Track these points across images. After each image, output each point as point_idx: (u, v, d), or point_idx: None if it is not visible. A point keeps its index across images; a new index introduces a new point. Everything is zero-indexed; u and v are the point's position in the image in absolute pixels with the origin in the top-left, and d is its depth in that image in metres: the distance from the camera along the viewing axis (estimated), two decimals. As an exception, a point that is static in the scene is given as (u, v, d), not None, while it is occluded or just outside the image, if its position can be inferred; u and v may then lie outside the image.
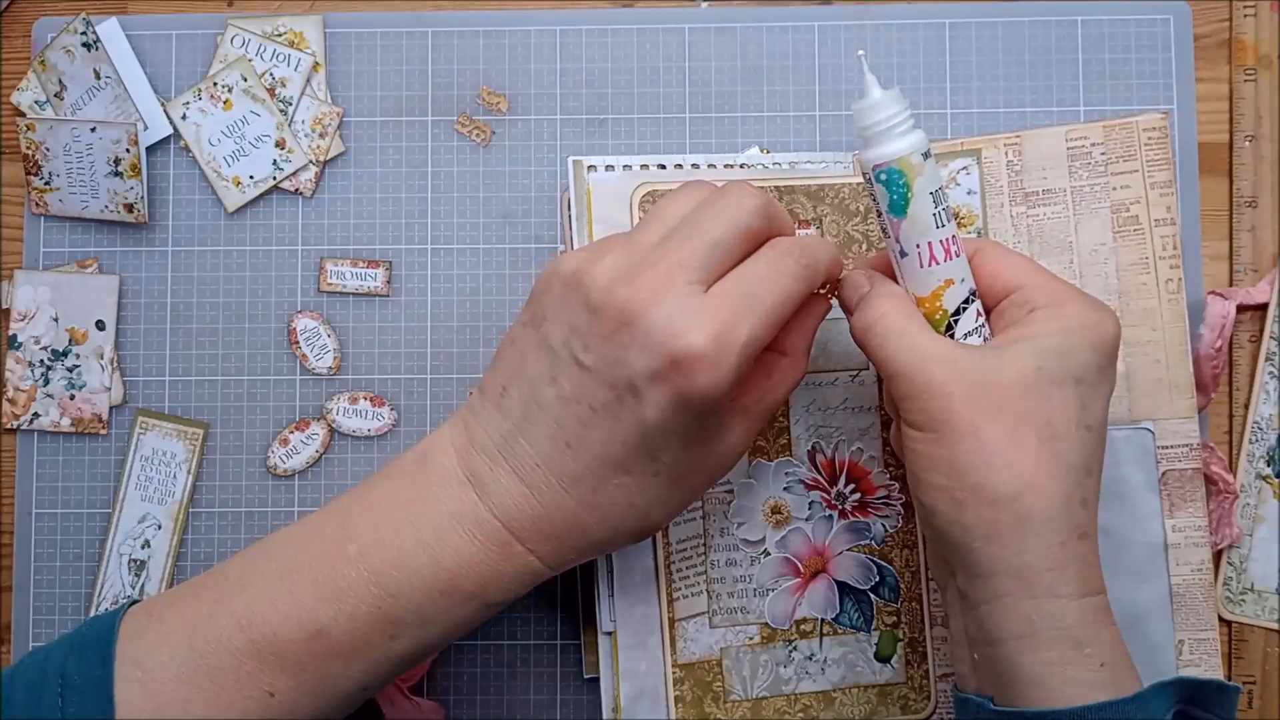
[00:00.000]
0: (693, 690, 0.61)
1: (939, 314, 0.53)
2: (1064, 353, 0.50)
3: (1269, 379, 0.64)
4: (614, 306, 0.48)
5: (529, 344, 0.51)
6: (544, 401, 0.50)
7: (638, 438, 0.49)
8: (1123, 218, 0.63)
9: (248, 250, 0.66)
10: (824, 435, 0.62)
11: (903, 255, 0.53)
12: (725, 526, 0.62)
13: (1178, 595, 0.62)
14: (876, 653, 0.62)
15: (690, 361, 0.47)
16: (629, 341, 0.47)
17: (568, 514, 0.51)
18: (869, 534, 0.62)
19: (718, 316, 0.47)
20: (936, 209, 0.52)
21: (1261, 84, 0.65)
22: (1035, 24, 0.66)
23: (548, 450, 0.50)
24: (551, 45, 0.67)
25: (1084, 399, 0.50)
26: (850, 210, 0.62)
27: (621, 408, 0.48)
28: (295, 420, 0.66)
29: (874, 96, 0.52)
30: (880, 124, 0.52)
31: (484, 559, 0.50)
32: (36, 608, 0.65)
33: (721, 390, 0.48)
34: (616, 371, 0.48)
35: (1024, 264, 0.54)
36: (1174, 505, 0.63)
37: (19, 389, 0.65)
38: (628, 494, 0.51)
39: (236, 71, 0.66)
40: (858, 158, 0.54)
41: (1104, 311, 0.52)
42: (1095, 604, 0.50)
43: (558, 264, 0.51)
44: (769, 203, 0.51)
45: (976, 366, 0.50)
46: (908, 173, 0.52)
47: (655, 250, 0.49)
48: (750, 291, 0.49)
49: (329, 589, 0.50)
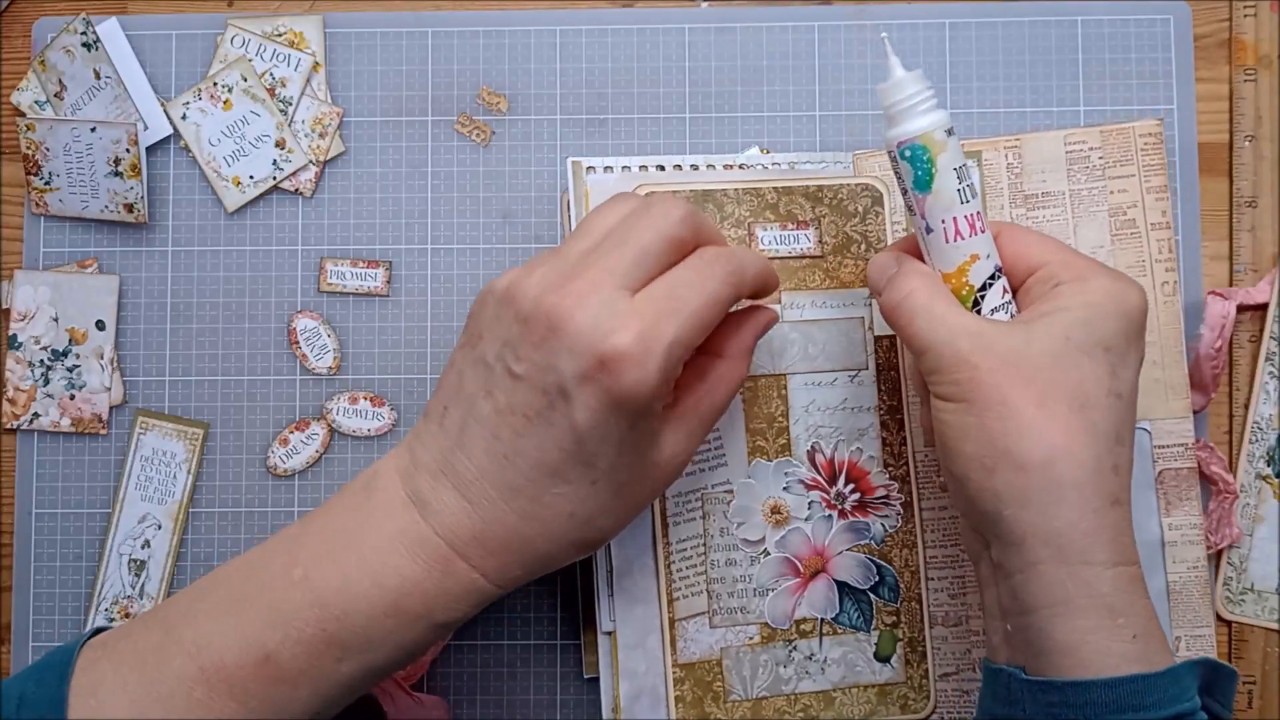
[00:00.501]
0: (693, 690, 0.61)
1: (965, 289, 0.54)
2: (1090, 323, 0.51)
3: (1269, 379, 0.64)
4: (542, 313, 0.49)
5: (466, 363, 0.52)
6: (481, 415, 0.51)
7: (572, 443, 0.49)
8: (1120, 221, 0.63)
9: (248, 250, 0.66)
10: (823, 435, 0.62)
11: (928, 231, 0.54)
12: (725, 526, 0.62)
13: (1174, 593, 0.63)
14: (876, 652, 0.62)
15: (616, 360, 0.48)
16: (558, 346, 0.48)
17: (509, 527, 0.51)
18: (868, 534, 0.62)
19: (643, 317, 0.48)
20: (960, 185, 0.53)
21: (1261, 84, 0.65)
22: (1035, 24, 0.66)
23: (486, 463, 0.51)
24: (551, 45, 0.67)
25: (1113, 366, 0.51)
26: (849, 211, 0.63)
27: (554, 413, 0.49)
28: (295, 420, 0.66)
29: (897, 75, 0.54)
30: (903, 102, 0.53)
31: (427, 578, 0.51)
32: (36, 608, 0.65)
33: (648, 389, 0.48)
34: (547, 377, 0.49)
35: (1047, 242, 0.55)
36: (1170, 504, 0.63)
37: (19, 389, 0.65)
38: (568, 503, 0.51)
39: (236, 71, 0.66)
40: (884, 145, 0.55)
41: (1128, 282, 0.52)
42: (1129, 574, 0.50)
43: (492, 283, 0.52)
44: (695, 213, 0.52)
45: (1004, 339, 0.51)
46: (931, 148, 0.53)
47: (583, 259, 0.50)
48: (675, 294, 0.50)
49: (275, 614, 0.50)
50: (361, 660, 0.51)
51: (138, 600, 0.65)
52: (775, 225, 0.62)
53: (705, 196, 0.62)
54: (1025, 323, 0.51)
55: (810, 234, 0.63)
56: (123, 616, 0.65)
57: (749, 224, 0.62)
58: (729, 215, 0.62)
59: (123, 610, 0.65)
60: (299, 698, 0.51)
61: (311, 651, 0.50)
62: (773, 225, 0.62)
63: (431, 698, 0.63)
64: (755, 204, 0.62)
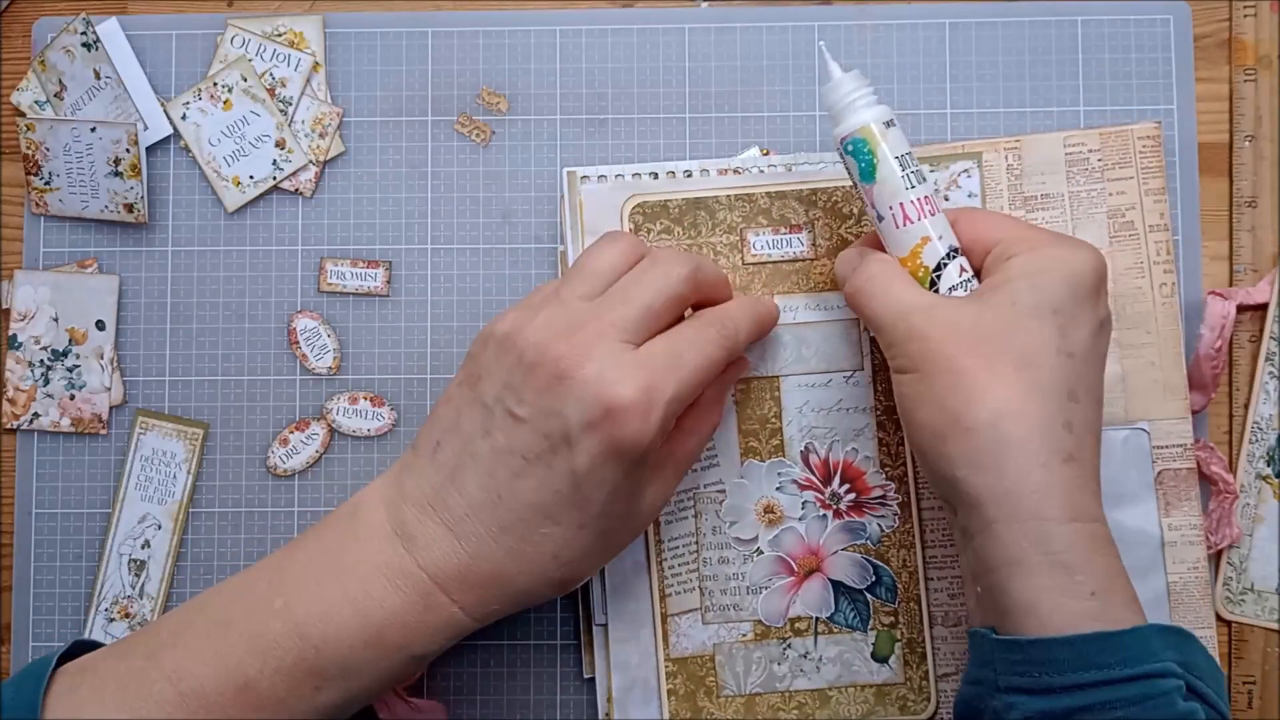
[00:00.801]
0: (685, 684, 0.61)
1: (921, 271, 0.55)
2: (1037, 287, 0.52)
3: (1269, 379, 0.64)
4: (549, 361, 0.51)
5: (464, 401, 0.54)
6: (477, 454, 0.52)
7: (569, 487, 0.51)
8: (1119, 223, 0.63)
9: (248, 250, 0.66)
10: (817, 436, 0.62)
11: (879, 220, 0.56)
12: (717, 525, 0.62)
13: (1174, 593, 0.63)
14: (873, 652, 0.62)
15: (621, 411, 0.50)
16: (564, 394, 0.51)
17: (494, 564, 0.52)
18: (864, 534, 0.62)
19: (647, 372, 0.51)
20: (904, 171, 0.55)
21: (1261, 84, 0.65)
22: (1035, 24, 0.66)
23: (479, 500, 0.52)
24: (551, 45, 0.67)
25: (1062, 327, 0.51)
26: (843, 213, 0.63)
27: (555, 456, 0.51)
28: (295, 420, 0.66)
29: (835, 76, 0.56)
30: (842, 100, 0.56)
31: (408, 611, 0.52)
32: (36, 608, 0.65)
33: (647, 440, 0.51)
34: (551, 422, 0.51)
35: (1001, 220, 0.57)
36: (1169, 504, 0.63)
37: (19, 389, 0.65)
38: (554, 545, 0.52)
39: (236, 71, 0.66)
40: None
41: (1078, 245, 0.54)
42: (1087, 530, 0.50)
43: (493, 325, 0.54)
44: (698, 269, 0.55)
45: (954, 311, 0.52)
46: (870, 140, 0.55)
47: (588, 309, 0.53)
48: (677, 352, 0.53)
49: (256, 642, 0.51)
50: (340, 689, 0.52)
51: (138, 600, 0.65)
52: (767, 230, 0.63)
53: (697, 204, 0.62)
54: (976, 297, 0.53)
55: (803, 237, 0.63)
56: (123, 617, 0.65)
57: (741, 230, 0.62)
58: (721, 222, 0.62)
59: (123, 610, 0.65)
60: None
61: (290, 681, 0.51)
62: (765, 230, 0.63)
63: (428, 702, 0.63)
64: (747, 209, 0.63)
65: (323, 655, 0.51)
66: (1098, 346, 0.53)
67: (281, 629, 0.51)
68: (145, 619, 0.65)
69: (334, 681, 0.52)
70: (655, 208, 0.63)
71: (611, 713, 0.62)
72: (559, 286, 0.54)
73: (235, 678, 0.51)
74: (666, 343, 0.53)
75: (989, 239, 0.55)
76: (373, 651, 0.52)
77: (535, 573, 0.53)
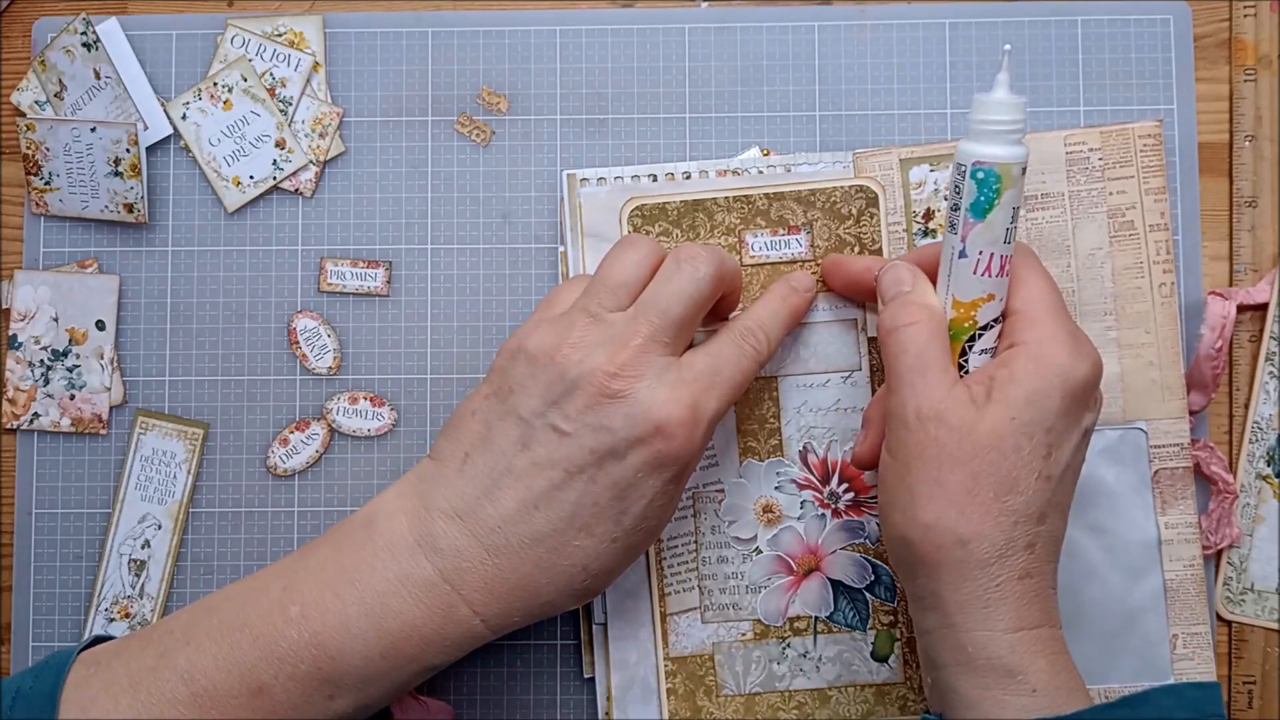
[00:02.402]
0: (685, 683, 0.61)
1: (968, 323, 0.55)
2: (1034, 402, 0.52)
3: (1269, 379, 0.64)
4: (596, 380, 0.52)
5: (494, 415, 0.54)
6: (514, 467, 0.53)
7: (609, 499, 0.53)
8: (1119, 223, 0.63)
9: (248, 250, 0.66)
10: (815, 436, 0.62)
11: (960, 255, 0.54)
12: (716, 524, 0.62)
13: (1171, 591, 0.63)
14: (873, 652, 0.62)
15: (672, 428, 0.52)
16: (614, 411, 0.52)
17: (522, 575, 0.53)
18: (863, 533, 0.62)
19: (692, 389, 0.53)
20: (1011, 224, 0.54)
21: (1261, 84, 0.65)
22: (1035, 24, 0.66)
23: (513, 512, 0.53)
24: (551, 45, 0.67)
25: (1051, 447, 0.53)
26: (841, 214, 0.63)
27: (600, 470, 0.52)
28: (295, 420, 0.66)
29: (1000, 95, 0.53)
30: (997, 123, 0.53)
31: (427, 622, 0.52)
32: (36, 608, 0.65)
33: (692, 455, 0.53)
34: (600, 437, 0.52)
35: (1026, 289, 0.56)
36: (1166, 503, 0.63)
37: (19, 389, 0.65)
38: (585, 557, 0.53)
39: (236, 71, 0.66)
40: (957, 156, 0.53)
41: (1082, 355, 0.54)
42: (1033, 636, 0.52)
43: (521, 341, 0.55)
44: (719, 265, 0.56)
45: (960, 415, 0.53)
46: (1004, 179, 0.53)
47: (624, 324, 0.54)
48: (718, 369, 0.55)
49: (271, 649, 0.52)
50: (353, 698, 0.52)
51: (138, 600, 0.65)
52: (766, 231, 0.63)
53: (696, 206, 0.63)
54: (979, 401, 0.53)
55: (802, 239, 0.63)
56: (123, 617, 0.65)
57: (739, 231, 0.63)
58: (719, 224, 0.62)
59: (123, 610, 0.65)
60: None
61: (305, 688, 0.52)
62: (763, 231, 0.63)
63: (437, 702, 0.63)
64: (746, 211, 0.63)
65: (339, 665, 0.52)
66: (1076, 461, 0.54)
67: (298, 638, 0.52)
68: (145, 619, 0.65)
69: (349, 690, 0.52)
70: (654, 210, 0.63)
71: (611, 712, 0.62)
72: (586, 301, 0.55)
73: (249, 682, 0.51)
74: (707, 359, 0.55)
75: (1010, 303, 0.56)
76: (387, 662, 0.52)
77: (562, 584, 0.54)
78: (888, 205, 0.63)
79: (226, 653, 0.52)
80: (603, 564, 0.54)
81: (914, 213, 0.63)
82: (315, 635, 0.52)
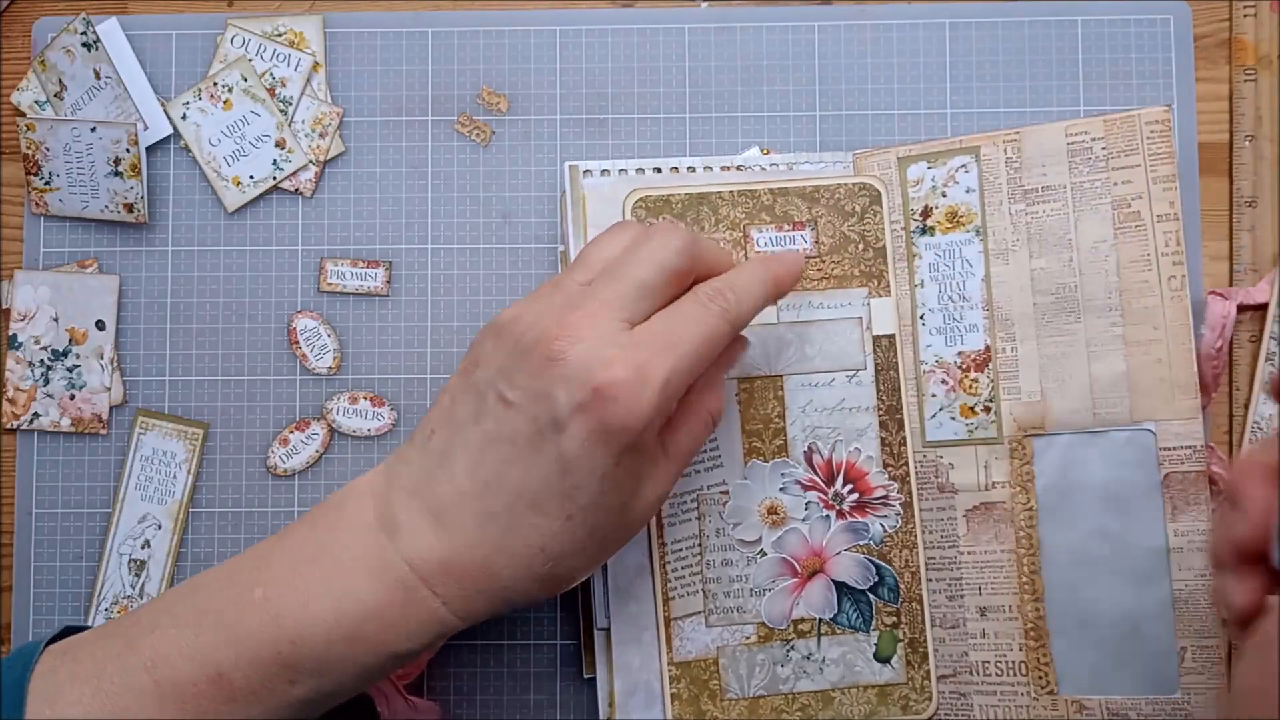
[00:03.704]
0: (689, 688, 0.61)
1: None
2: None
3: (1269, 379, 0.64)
4: (541, 344, 0.50)
5: (459, 389, 0.53)
6: (468, 440, 0.51)
7: (557, 474, 0.50)
8: (1124, 214, 0.63)
9: (248, 250, 0.66)
10: (820, 436, 0.62)
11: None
12: (721, 527, 0.62)
13: (1179, 601, 0.61)
14: (876, 653, 0.62)
15: (612, 392, 0.49)
16: (554, 375, 0.49)
17: (479, 556, 0.51)
18: (867, 534, 0.62)
19: (640, 350, 0.50)
20: None
21: (1261, 84, 0.65)
22: (1035, 24, 0.66)
23: (466, 487, 0.51)
24: (551, 45, 0.67)
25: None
26: (845, 211, 0.63)
27: (544, 441, 0.50)
28: (295, 420, 0.66)
29: None
30: None
31: (389, 605, 0.51)
32: (36, 608, 0.65)
33: (640, 422, 0.49)
34: (540, 405, 0.50)
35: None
36: (1176, 509, 0.62)
37: (19, 389, 0.65)
38: (541, 537, 0.51)
39: (236, 71, 0.66)
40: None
41: None
42: None
43: (495, 317, 0.53)
44: (694, 242, 0.53)
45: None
46: None
47: (583, 291, 0.52)
48: (673, 329, 0.51)
49: (231, 631, 0.50)
50: (315, 684, 0.51)
51: (138, 600, 0.65)
52: (770, 227, 0.62)
53: (700, 199, 0.62)
54: None
55: (806, 235, 0.63)
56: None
57: (744, 226, 0.62)
58: (724, 218, 0.62)
59: (123, 610, 0.65)
60: (251, 717, 0.51)
61: (264, 673, 0.50)
62: (768, 227, 0.62)
63: (426, 702, 0.63)
64: (750, 206, 0.62)
65: (299, 649, 0.50)
66: None
67: (259, 620, 0.50)
68: (145, 619, 0.65)
69: (309, 676, 0.50)
70: (658, 202, 0.62)
71: (613, 715, 0.62)
72: (560, 275, 0.54)
73: (209, 668, 0.50)
74: (663, 320, 0.52)
75: None
76: (351, 647, 0.50)
77: (521, 567, 0.51)
78: (888, 204, 0.63)
79: (189, 639, 0.50)
80: (562, 546, 0.51)
81: (911, 210, 0.63)
82: (276, 617, 0.50)
